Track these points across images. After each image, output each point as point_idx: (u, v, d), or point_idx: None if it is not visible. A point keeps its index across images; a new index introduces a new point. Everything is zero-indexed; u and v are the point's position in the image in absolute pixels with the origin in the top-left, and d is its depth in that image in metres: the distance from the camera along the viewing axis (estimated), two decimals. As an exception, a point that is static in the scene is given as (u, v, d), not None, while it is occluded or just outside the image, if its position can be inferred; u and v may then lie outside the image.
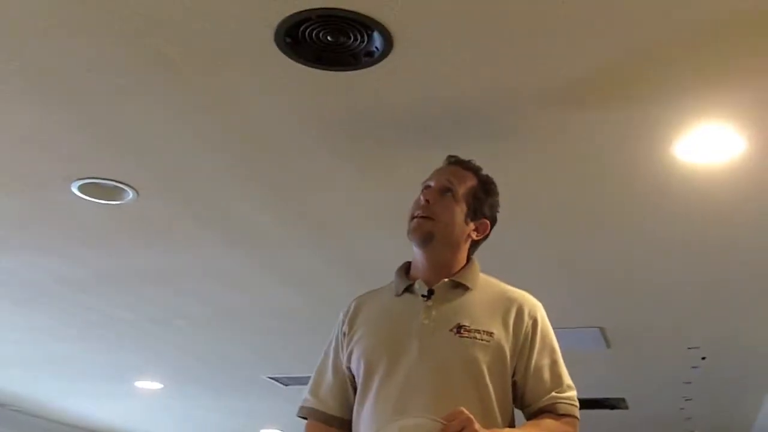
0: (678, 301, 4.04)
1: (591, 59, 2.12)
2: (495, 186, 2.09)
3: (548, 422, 1.89)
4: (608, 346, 4.81)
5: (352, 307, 2.07)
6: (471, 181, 2.03)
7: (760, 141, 2.50)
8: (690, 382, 5.57)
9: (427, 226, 1.96)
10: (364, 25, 1.98)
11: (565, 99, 2.31)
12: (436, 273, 1.99)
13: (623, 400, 6.26)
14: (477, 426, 1.69)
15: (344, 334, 2.04)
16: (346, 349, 2.01)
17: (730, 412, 6.59)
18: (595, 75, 2.19)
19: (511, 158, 2.67)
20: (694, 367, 5.18)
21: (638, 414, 6.66)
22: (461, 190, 2.00)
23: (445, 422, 1.69)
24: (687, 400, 6.07)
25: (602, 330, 4.54)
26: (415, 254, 2.04)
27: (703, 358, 4.97)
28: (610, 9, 1.91)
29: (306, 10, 1.93)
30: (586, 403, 2.01)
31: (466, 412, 1.71)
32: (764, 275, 3.64)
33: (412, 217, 2.00)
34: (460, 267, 2.01)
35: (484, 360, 1.87)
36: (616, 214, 3.09)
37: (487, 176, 2.08)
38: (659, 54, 2.08)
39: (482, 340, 1.89)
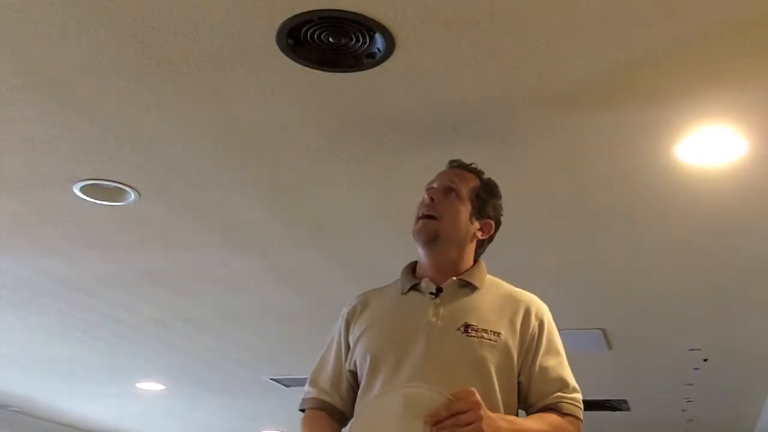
0: (679, 303, 4.04)
1: (592, 62, 2.12)
2: (497, 188, 2.10)
3: (552, 417, 1.89)
4: (610, 347, 4.81)
5: (356, 304, 2.06)
6: (473, 182, 2.05)
7: (762, 143, 2.49)
8: (692, 384, 5.56)
9: (432, 226, 1.97)
10: (365, 26, 1.98)
11: (565, 102, 2.31)
12: (442, 273, 1.99)
13: (625, 401, 6.26)
14: (483, 410, 1.69)
15: (347, 330, 2.03)
16: (349, 345, 2.01)
17: (731, 414, 6.57)
18: (596, 78, 2.19)
19: (512, 160, 2.67)
20: (695, 369, 5.17)
21: (640, 415, 6.65)
22: (464, 189, 2.02)
23: (452, 398, 1.69)
24: (689, 401, 6.07)
25: (604, 332, 4.53)
26: (421, 255, 2.03)
27: (705, 360, 4.96)
28: (611, 12, 1.91)
29: (308, 12, 1.93)
30: (587, 405, 2.00)
31: (477, 394, 1.70)
32: (766, 277, 3.64)
33: (418, 218, 2.00)
34: (467, 267, 2.02)
35: (491, 360, 1.87)
36: (617, 216, 3.09)
37: (489, 179, 2.10)
38: (660, 56, 2.08)
39: (489, 340, 1.89)
